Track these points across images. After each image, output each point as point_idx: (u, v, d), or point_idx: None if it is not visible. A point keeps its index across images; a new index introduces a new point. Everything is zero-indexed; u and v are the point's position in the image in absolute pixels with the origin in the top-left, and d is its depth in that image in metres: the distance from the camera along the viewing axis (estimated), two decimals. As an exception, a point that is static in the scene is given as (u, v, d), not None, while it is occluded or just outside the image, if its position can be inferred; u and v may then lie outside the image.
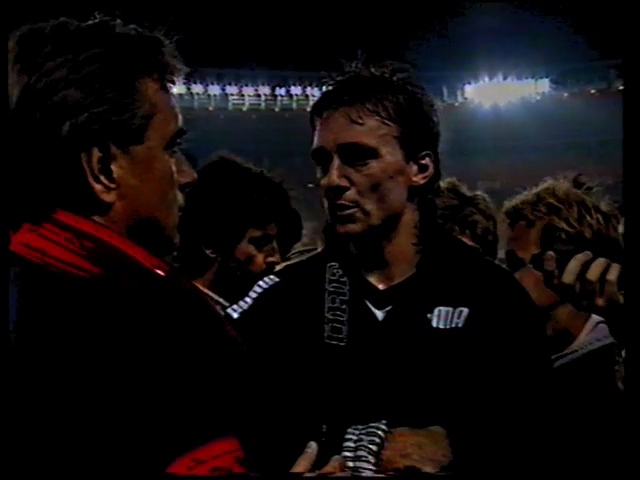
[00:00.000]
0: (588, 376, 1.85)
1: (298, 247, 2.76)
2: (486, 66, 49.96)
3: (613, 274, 1.49)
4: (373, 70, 1.59)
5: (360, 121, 1.52)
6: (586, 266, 1.51)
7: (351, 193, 1.53)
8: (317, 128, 1.58)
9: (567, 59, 46.00)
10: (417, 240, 1.60)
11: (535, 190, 2.01)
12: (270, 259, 2.20)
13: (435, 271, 1.59)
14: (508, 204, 2.04)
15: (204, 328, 1.05)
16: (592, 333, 1.91)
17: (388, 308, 1.57)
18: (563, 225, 1.92)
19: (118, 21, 1.13)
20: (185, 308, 1.05)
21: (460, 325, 1.53)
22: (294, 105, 51.80)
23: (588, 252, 1.52)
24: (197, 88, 47.21)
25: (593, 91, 48.08)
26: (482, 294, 1.57)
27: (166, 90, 1.14)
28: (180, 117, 1.16)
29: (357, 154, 1.53)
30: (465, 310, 1.54)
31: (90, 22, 1.11)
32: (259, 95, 52.08)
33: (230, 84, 49.49)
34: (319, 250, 2.00)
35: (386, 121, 1.53)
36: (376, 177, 1.53)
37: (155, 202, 1.12)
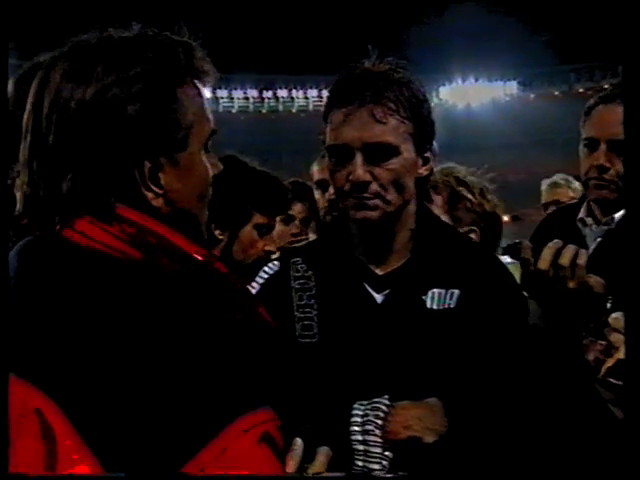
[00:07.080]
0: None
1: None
2: (459, 69, 50.31)
3: (582, 259, 1.52)
4: (382, 66, 1.56)
5: (384, 120, 1.50)
6: (558, 253, 1.54)
7: (374, 186, 1.53)
8: (336, 123, 1.54)
9: (533, 63, 46.49)
10: (414, 227, 1.62)
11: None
12: (268, 247, 2.31)
13: (428, 256, 1.60)
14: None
15: (239, 308, 1.06)
16: None
17: (386, 292, 1.58)
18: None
19: (154, 30, 1.12)
20: (222, 290, 1.07)
21: (452, 305, 1.55)
22: (280, 107, 52.06)
23: (558, 240, 1.55)
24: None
25: (556, 93, 48.68)
26: (471, 276, 1.59)
27: (201, 94, 1.13)
28: (212, 117, 1.16)
29: (381, 152, 1.52)
30: (456, 291, 1.56)
31: (130, 34, 1.11)
32: (247, 98, 52.12)
33: (220, 88, 49.38)
34: (315, 239, 2.03)
35: (404, 119, 1.52)
36: (397, 172, 1.53)
37: (195, 200, 1.14)
